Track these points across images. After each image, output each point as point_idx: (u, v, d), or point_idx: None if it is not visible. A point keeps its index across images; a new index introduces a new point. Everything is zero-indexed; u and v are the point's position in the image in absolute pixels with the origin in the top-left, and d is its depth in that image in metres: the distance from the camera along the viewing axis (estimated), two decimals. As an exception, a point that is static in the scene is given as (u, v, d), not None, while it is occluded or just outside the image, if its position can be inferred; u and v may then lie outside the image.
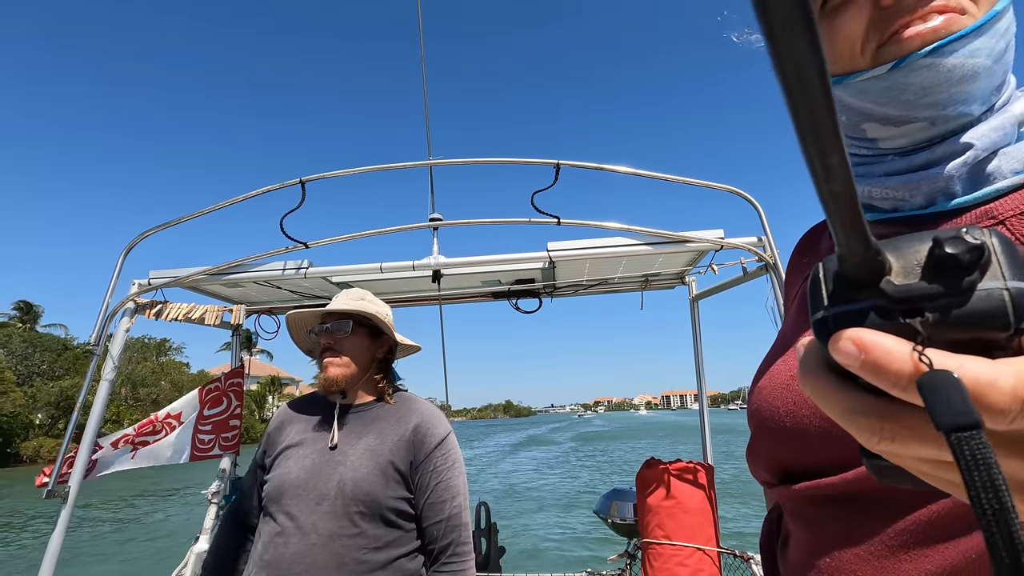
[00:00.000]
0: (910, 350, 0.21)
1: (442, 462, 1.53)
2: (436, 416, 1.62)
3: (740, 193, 2.40)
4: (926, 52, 0.45)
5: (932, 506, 0.42)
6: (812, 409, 0.49)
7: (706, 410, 3.19)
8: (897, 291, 0.22)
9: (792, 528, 0.55)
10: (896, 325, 0.22)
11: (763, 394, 0.57)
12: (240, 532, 1.65)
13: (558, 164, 2.31)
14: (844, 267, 0.23)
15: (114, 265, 2.33)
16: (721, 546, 2.46)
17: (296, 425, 1.62)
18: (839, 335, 0.22)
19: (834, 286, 0.24)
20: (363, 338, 1.63)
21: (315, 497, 1.44)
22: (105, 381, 2.33)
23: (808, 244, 0.69)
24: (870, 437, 0.23)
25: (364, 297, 1.69)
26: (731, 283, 2.70)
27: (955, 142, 0.47)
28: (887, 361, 0.21)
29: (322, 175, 2.37)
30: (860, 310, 0.23)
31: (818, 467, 0.50)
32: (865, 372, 0.22)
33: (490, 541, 3.08)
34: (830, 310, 0.24)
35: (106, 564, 10.36)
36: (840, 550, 0.47)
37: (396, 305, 3.31)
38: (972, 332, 0.21)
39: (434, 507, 1.48)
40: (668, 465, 2.52)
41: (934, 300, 0.22)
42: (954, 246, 0.22)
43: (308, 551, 1.39)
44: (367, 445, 1.51)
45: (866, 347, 0.21)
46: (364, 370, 1.63)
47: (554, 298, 3.14)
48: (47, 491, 2.08)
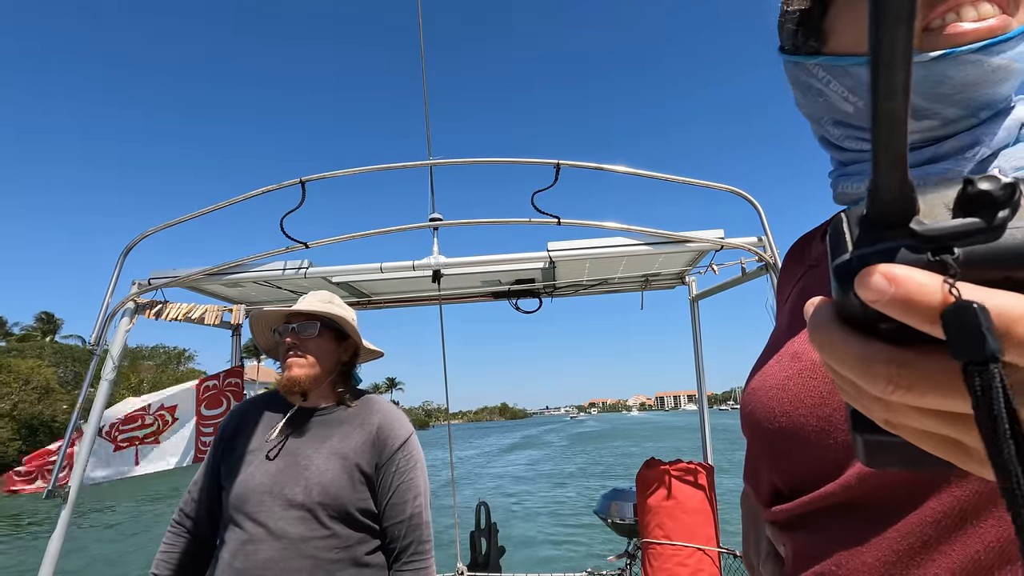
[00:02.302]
0: (941, 282, 0.20)
1: (405, 463, 1.54)
2: (398, 417, 1.62)
3: (740, 193, 2.41)
4: (977, 48, 0.44)
5: (934, 509, 0.42)
6: (808, 408, 0.49)
7: (706, 410, 3.19)
8: (928, 230, 0.22)
9: (789, 541, 0.54)
10: (926, 262, 0.21)
11: (757, 395, 0.56)
12: (193, 543, 1.59)
13: (558, 164, 2.31)
14: (875, 205, 0.23)
15: (114, 266, 2.32)
16: (721, 546, 2.47)
17: (254, 428, 1.59)
18: (868, 270, 0.22)
19: (860, 230, 0.23)
20: (329, 341, 1.63)
21: (282, 502, 1.43)
22: (105, 381, 2.31)
23: (798, 252, 0.69)
24: (885, 386, 0.22)
25: (332, 300, 1.68)
26: (731, 283, 2.71)
27: (963, 139, 0.48)
28: (919, 293, 0.20)
29: (322, 175, 2.36)
30: (888, 249, 0.22)
31: (814, 472, 0.49)
32: (894, 306, 0.21)
33: (490, 541, 3.08)
34: (855, 252, 0.23)
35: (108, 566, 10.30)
36: (846, 559, 0.46)
37: (396, 305, 3.31)
38: (1003, 270, 0.21)
39: (396, 507, 1.50)
40: (668, 466, 2.52)
41: (966, 237, 0.21)
42: (988, 183, 0.21)
43: (280, 556, 1.39)
44: (332, 448, 1.51)
45: (897, 280, 0.21)
46: (328, 372, 1.62)
47: (554, 298, 3.14)
48: (47, 491, 2.07)
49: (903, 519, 0.43)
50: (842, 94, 0.53)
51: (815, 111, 0.58)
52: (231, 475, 1.53)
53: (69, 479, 2.16)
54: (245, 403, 1.70)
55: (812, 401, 0.49)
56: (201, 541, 1.60)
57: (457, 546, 2.97)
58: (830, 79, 0.53)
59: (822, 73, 0.54)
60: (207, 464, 1.63)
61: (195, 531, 1.59)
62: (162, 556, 1.57)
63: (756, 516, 0.66)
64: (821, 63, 0.54)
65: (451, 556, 2.98)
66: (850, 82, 0.52)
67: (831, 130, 0.57)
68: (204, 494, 1.60)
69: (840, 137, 0.56)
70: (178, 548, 1.57)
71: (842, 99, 0.53)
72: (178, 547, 1.58)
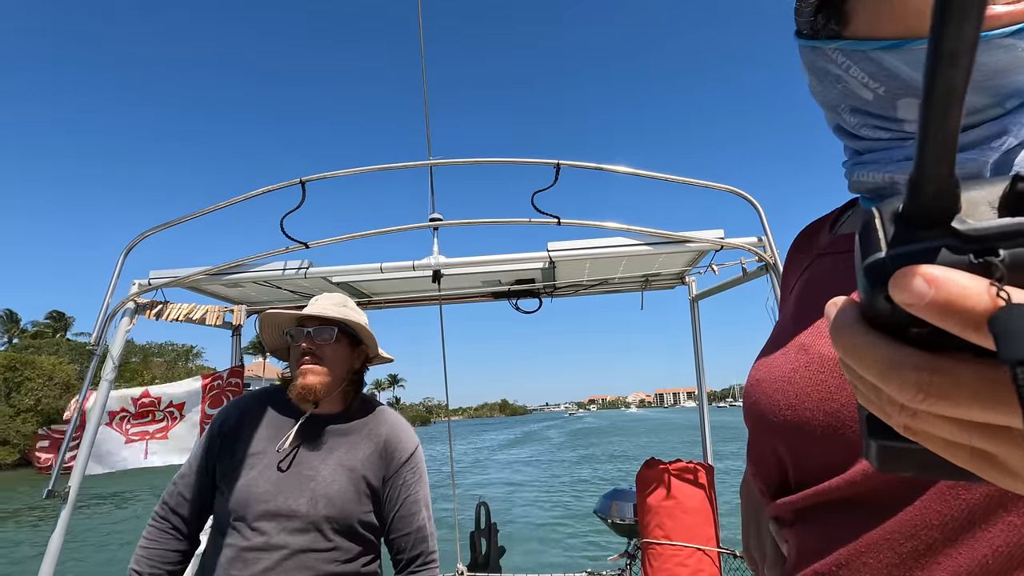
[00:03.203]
0: (987, 285, 0.19)
1: (411, 476, 1.54)
2: (405, 428, 1.60)
3: (740, 193, 2.41)
4: (1010, 32, 0.42)
5: (942, 512, 0.41)
6: (815, 403, 0.48)
7: (706, 410, 3.19)
8: (972, 229, 0.20)
9: (792, 537, 0.53)
10: (968, 263, 0.20)
11: (762, 387, 0.55)
12: (177, 540, 1.50)
13: (558, 164, 2.31)
14: (916, 199, 0.21)
15: (114, 265, 2.32)
16: (721, 546, 2.47)
17: (257, 429, 1.52)
18: (906, 270, 0.20)
19: (896, 228, 0.22)
20: (344, 347, 1.56)
21: (286, 512, 1.40)
22: (105, 381, 2.32)
23: (804, 241, 0.67)
24: (916, 394, 0.21)
25: (346, 304, 1.61)
26: (731, 283, 2.71)
27: (990, 128, 0.45)
28: (961, 296, 0.19)
29: (322, 175, 2.36)
30: (927, 249, 0.21)
31: (819, 467, 0.48)
32: (933, 310, 0.20)
33: (490, 541, 3.08)
34: (889, 252, 0.21)
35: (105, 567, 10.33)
36: (848, 557, 0.45)
37: (396, 305, 3.31)
38: None
39: (404, 520, 1.51)
40: (668, 465, 2.52)
41: (1013, 239, 0.20)
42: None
43: (280, 567, 1.36)
44: (339, 460, 1.48)
45: (938, 282, 0.19)
46: (341, 380, 1.55)
47: (554, 298, 3.14)
48: (47, 491, 2.07)
49: (908, 518, 0.42)
50: (862, 80, 0.51)
51: (831, 98, 0.55)
52: (230, 478, 1.47)
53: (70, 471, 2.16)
54: (244, 400, 1.62)
55: (819, 396, 0.48)
56: (186, 539, 1.52)
57: (457, 546, 2.98)
58: (850, 64, 0.51)
59: (841, 59, 0.52)
60: (200, 460, 1.54)
61: (181, 528, 1.51)
62: (144, 553, 1.47)
63: (757, 508, 0.65)
64: (841, 47, 0.51)
65: (451, 556, 2.98)
66: (871, 67, 0.50)
67: (848, 118, 0.55)
68: (194, 492, 1.52)
69: (857, 125, 0.54)
70: (162, 545, 1.49)
71: (862, 85, 0.51)
72: (162, 543, 1.49)
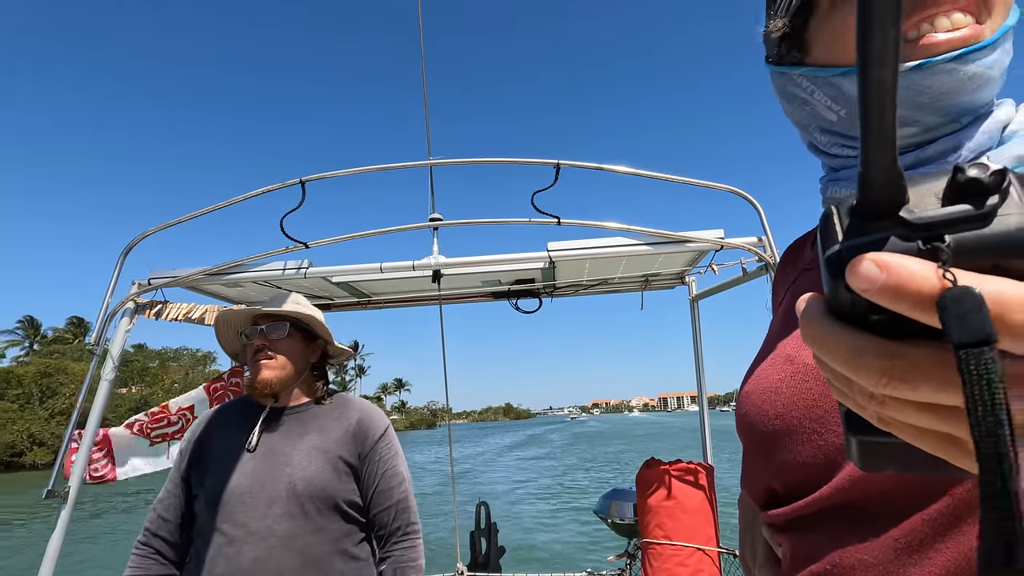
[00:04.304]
0: (933, 269, 0.20)
1: (387, 451, 1.57)
2: (375, 410, 1.65)
3: (740, 193, 2.41)
4: (951, 57, 0.46)
5: (929, 508, 0.42)
6: (801, 410, 0.49)
7: (706, 411, 3.18)
8: (918, 218, 0.22)
9: (785, 542, 0.54)
10: (916, 250, 0.21)
11: (751, 398, 0.56)
12: (162, 565, 1.51)
13: (558, 164, 2.31)
14: (866, 192, 0.23)
15: (113, 265, 2.33)
16: (721, 546, 2.46)
17: (225, 433, 1.56)
18: (858, 259, 0.22)
19: (850, 220, 0.23)
20: (298, 341, 1.61)
21: (264, 501, 1.41)
22: (105, 381, 2.32)
23: (792, 255, 0.69)
24: (879, 378, 0.22)
25: (299, 301, 1.66)
26: (731, 283, 2.70)
27: (946, 143, 0.49)
28: (910, 279, 0.20)
29: (322, 175, 2.37)
30: (878, 239, 0.22)
31: (808, 474, 0.49)
32: (885, 294, 0.21)
33: (490, 541, 3.08)
34: (844, 243, 0.23)
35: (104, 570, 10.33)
36: (841, 559, 0.46)
37: (396, 305, 3.31)
38: (993, 257, 0.21)
39: (383, 494, 1.53)
40: (668, 465, 2.52)
41: (956, 225, 0.21)
42: (977, 170, 0.21)
43: (268, 555, 1.36)
44: (312, 443, 1.50)
45: (888, 267, 0.21)
46: (298, 373, 1.60)
47: (554, 298, 3.14)
48: (47, 491, 2.07)
49: (898, 519, 0.43)
50: (825, 103, 0.54)
51: (802, 119, 0.59)
52: (203, 482, 1.49)
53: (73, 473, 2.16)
54: (211, 411, 1.67)
55: (805, 403, 0.50)
56: (170, 562, 1.52)
57: (457, 546, 2.97)
58: (814, 88, 0.55)
59: (806, 83, 0.55)
60: (172, 479, 1.57)
61: (164, 551, 1.52)
62: None
63: (752, 517, 0.66)
64: (804, 73, 0.55)
65: (451, 556, 2.98)
66: (832, 92, 0.53)
67: (819, 137, 0.58)
68: (173, 511, 1.54)
69: (828, 144, 0.57)
70: (144, 571, 1.49)
71: (826, 108, 0.55)
72: (143, 570, 1.49)
